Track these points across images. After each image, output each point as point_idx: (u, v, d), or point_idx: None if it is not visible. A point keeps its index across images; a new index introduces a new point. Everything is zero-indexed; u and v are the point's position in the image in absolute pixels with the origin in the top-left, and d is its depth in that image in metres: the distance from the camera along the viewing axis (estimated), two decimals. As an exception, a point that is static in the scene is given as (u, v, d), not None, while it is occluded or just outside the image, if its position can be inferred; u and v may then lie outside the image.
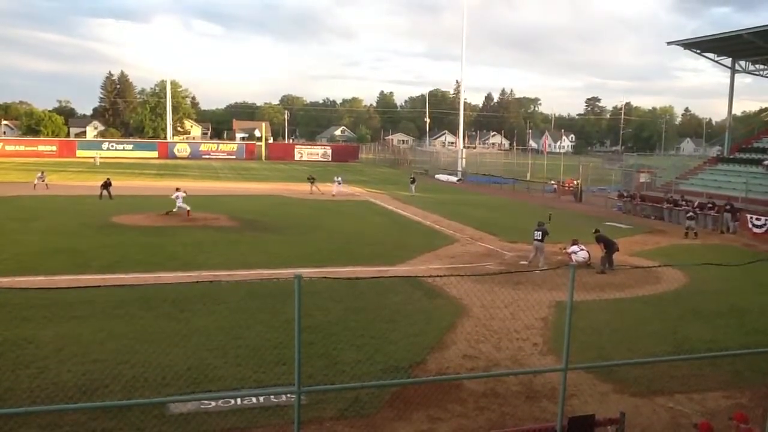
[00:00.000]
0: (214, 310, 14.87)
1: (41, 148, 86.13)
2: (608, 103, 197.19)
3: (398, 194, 46.96)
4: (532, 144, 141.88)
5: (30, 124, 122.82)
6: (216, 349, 12.38)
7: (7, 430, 8.79)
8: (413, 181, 49.79)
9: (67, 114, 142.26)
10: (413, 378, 11.23)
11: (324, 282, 14.84)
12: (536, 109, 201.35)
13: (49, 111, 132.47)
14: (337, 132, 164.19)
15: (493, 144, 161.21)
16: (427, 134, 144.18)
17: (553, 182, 55.03)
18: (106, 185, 38.30)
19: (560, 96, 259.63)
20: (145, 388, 10.29)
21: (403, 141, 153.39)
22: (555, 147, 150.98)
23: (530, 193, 52.76)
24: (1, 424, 8.78)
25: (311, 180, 47.08)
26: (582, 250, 21.88)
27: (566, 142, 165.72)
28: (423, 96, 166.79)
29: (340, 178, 46.68)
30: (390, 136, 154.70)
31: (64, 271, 18.40)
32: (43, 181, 43.72)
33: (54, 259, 20.44)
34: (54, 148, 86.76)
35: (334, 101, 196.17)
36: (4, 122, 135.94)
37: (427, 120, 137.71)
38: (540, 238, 21.98)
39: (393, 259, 22.15)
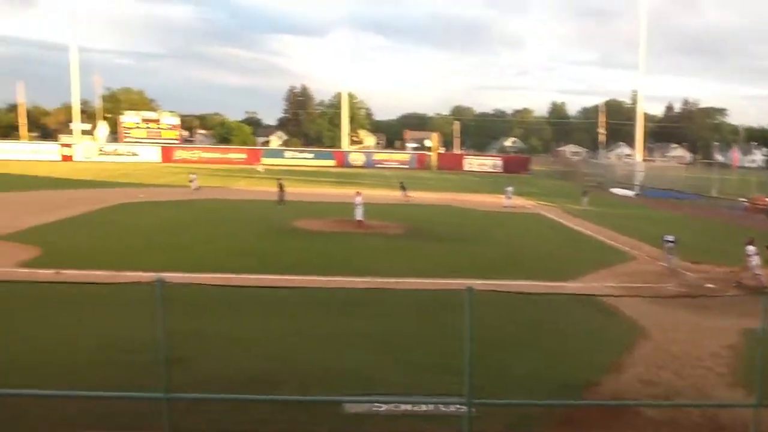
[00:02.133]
0: (386, 315, 15.30)
1: (231, 155, 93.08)
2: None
3: (570, 207, 45.54)
4: (718, 157, 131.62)
5: (222, 134, 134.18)
6: (387, 354, 12.76)
7: (193, 412, 9.55)
8: (585, 194, 48.10)
9: (254, 124, 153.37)
10: (586, 400, 10.86)
11: (493, 294, 14.78)
12: (723, 120, 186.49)
13: (239, 122, 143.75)
14: (508, 143, 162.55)
15: (675, 157, 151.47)
16: (602, 146, 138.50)
17: (743, 199, 50.71)
18: (282, 188, 40.86)
19: (751, 106, 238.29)
20: (321, 385, 10.83)
21: (575, 153, 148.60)
22: (745, 161, 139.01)
23: (716, 210, 48.98)
24: (185, 406, 9.45)
25: (402, 187, 47.68)
26: (756, 254, 20.39)
27: (758, 156, 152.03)
28: (597, 106, 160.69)
29: (511, 188, 46.18)
30: (562, 148, 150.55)
31: (249, 271, 19.76)
32: (193, 183, 46.46)
33: (240, 259, 22.06)
34: (243, 155, 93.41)
35: (504, 112, 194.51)
36: (200, 132, 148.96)
37: (601, 131, 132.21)
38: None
39: (564, 275, 21.56)
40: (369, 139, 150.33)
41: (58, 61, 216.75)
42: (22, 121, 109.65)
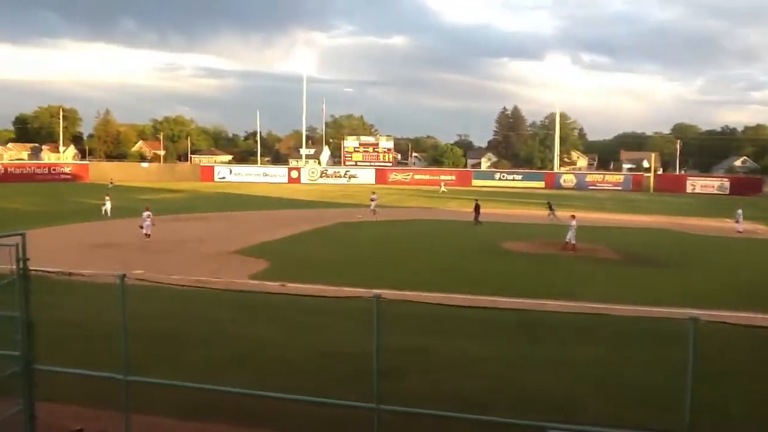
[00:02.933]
0: (592, 342, 14.83)
1: (442, 177, 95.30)
2: None
3: (812, 234, 40.58)
4: None
5: (435, 156, 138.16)
6: (592, 382, 12.38)
7: (401, 425, 9.92)
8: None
9: (465, 146, 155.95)
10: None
11: (718, 326, 13.70)
12: None
13: (451, 144, 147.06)
14: (737, 162, 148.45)
15: None
16: None
17: None
18: (477, 208, 41.22)
19: None
20: (527, 409, 10.78)
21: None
22: None
23: None
24: (394, 419, 9.80)
25: (550, 207, 45.20)
26: None
27: None
28: None
29: (740, 211, 42.21)
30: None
31: (459, 290, 20.11)
32: (373, 202, 46.70)
33: (450, 278, 22.56)
34: (453, 177, 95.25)
35: (734, 129, 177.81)
36: (414, 154, 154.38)
37: None
38: None
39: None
40: (581, 161, 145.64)
41: (290, 91, 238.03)
42: (258, 147, 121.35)
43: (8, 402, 9.03)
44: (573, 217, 31.61)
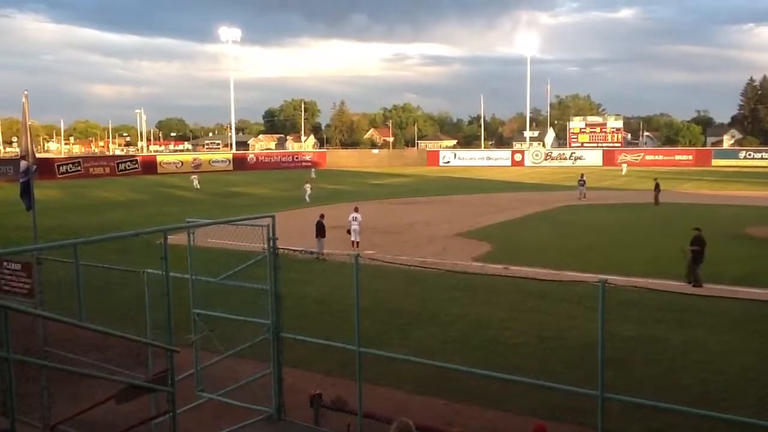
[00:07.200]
0: None
1: (677, 157, 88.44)
2: None
3: None
4: None
5: (669, 135, 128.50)
6: None
7: (626, 415, 9.55)
8: None
9: (704, 123, 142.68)
10: None
11: None
12: None
13: (687, 121, 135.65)
14: None
15: None
16: None
17: None
18: (657, 188, 39.01)
19: None
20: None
21: None
22: None
23: None
24: (619, 408, 9.37)
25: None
26: None
27: None
28: None
29: None
30: None
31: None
32: (582, 186, 44.16)
33: (682, 266, 20.94)
34: (690, 157, 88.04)
35: None
36: (646, 133, 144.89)
37: None
38: None
39: None
40: None
41: (513, 74, 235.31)
42: (482, 131, 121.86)
43: (260, 365, 10.24)
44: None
